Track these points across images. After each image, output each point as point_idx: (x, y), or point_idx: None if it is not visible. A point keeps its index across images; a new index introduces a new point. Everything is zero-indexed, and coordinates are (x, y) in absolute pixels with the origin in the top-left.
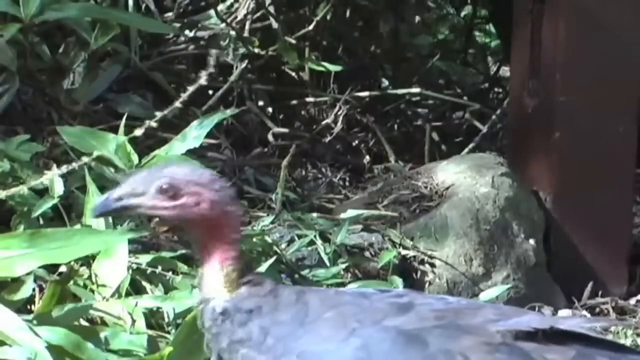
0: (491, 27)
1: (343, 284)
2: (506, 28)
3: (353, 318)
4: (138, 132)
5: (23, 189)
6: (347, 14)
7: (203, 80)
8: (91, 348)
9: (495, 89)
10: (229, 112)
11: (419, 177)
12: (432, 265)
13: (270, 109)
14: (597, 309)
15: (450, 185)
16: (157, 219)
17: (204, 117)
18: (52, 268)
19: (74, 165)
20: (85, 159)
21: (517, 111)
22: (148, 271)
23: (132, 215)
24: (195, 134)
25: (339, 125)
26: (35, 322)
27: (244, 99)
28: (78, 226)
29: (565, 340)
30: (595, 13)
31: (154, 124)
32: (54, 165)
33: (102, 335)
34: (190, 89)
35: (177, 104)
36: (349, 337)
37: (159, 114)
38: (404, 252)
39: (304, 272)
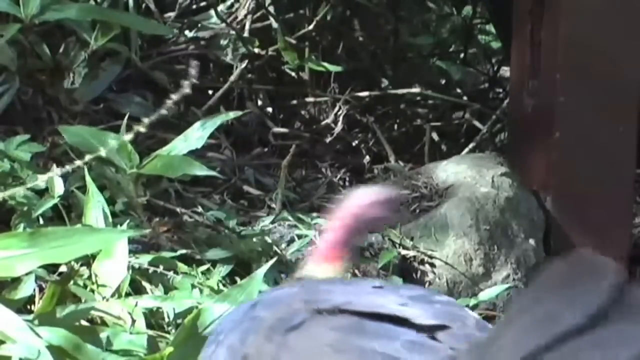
0: (491, 27)
1: None
2: (506, 28)
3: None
4: (128, 137)
5: (22, 191)
6: (348, 14)
7: (188, 89)
8: (91, 348)
9: (495, 89)
10: (232, 114)
11: (419, 177)
12: (432, 265)
13: (270, 109)
14: None
15: (450, 185)
16: None
17: (206, 118)
18: (52, 268)
19: (74, 165)
20: (87, 158)
21: (517, 111)
22: (148, 271)
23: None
24: (197, 135)
25: (339, 125)
26: (35, 322)
27: (244, 99)
28: (78, 226)
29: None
30: (595, 13)
31: (142, 129)
32: (54, 166)
33: (102, 335)
34: (175, 97)
35: (164, 111)
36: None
37: (147, 120)
38: (404, 252)
39: None
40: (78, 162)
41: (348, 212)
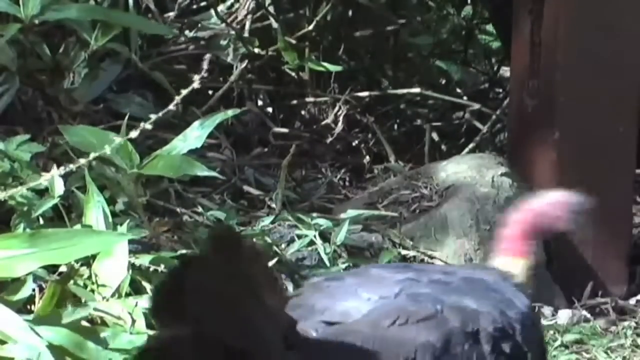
0: (491, 27)
1: None
2: (506, 28)
3: None
4: (134, 133)
5: (22, 190)
6: (348, 13)
7: (196, 84)
8: (92, 348)
9: (495, 89)
10: (230, 112)
11: (419, 177)
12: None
13: (270, 109)
14: (597, 309)
15: (450, 185)
16: None
17: (205, 117)
18: (52, 268)
19: (73, 166)
20: (82, 160)
21: (517, 111)
22: (149, 271)
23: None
24: (196, 135)
25: (339, 125)
26: (36, 322)
27: (244, 99)
28: (78, 226)
29: None
30: (595, 13)
31: (149, 126)
32: (54, 166)
33: (102, 335)
34: (184, 92)
35: (172, 106)
36: None
37: (154, 116)
38: (404, 252)
39: (304, 272)
40: (82, 161)
41: (532, 210)
